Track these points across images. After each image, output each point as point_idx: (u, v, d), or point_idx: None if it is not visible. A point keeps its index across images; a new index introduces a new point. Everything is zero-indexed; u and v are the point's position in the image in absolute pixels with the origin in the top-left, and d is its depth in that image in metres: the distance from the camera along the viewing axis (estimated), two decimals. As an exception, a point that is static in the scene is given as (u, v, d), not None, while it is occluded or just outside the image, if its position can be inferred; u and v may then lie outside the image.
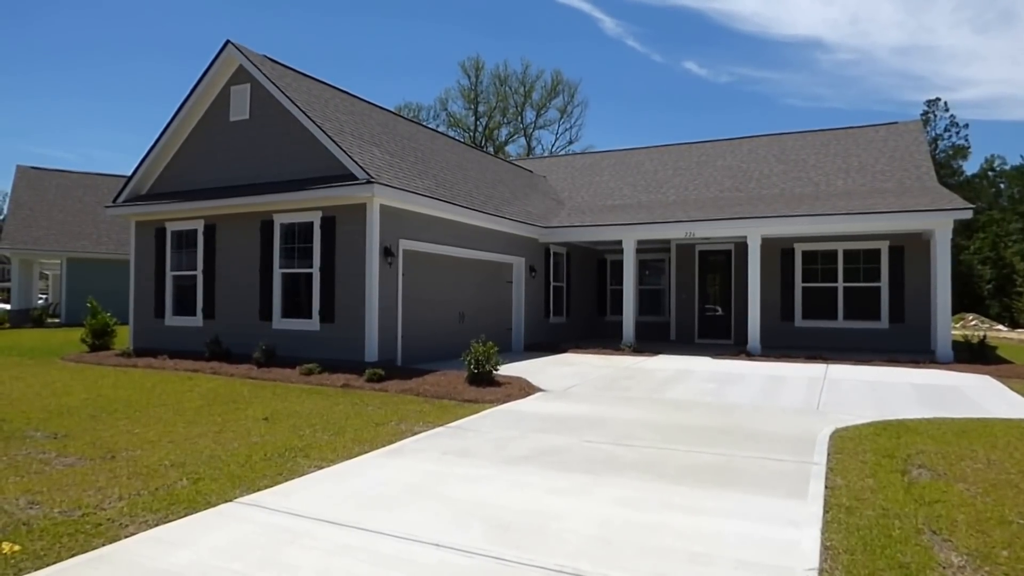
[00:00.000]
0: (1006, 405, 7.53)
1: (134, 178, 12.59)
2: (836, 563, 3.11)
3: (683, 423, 6.49)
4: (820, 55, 64.87)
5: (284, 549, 3.27)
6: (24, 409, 7.02)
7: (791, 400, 7.88)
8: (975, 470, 4.69)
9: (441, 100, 48.55)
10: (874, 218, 12.32)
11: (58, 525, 3.58)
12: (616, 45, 68.47)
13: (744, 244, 13.79)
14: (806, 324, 14.89)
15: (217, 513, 3.78)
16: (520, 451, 5.26)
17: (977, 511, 3.84)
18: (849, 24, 61.58)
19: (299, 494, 4.14)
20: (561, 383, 9.10)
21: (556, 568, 3.03)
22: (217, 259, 11.70)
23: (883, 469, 4.70)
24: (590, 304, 18.07)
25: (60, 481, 4.41)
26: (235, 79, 11.63)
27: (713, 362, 11.64)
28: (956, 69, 63.56)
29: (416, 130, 15.52)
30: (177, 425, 6.26)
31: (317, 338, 10.45)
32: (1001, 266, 40.12)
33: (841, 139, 17.29)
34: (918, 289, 13.87)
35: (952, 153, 46.03)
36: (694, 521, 3.68)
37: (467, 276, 12.88)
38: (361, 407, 7.25)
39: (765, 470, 4.73)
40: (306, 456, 5.10)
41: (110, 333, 13.37)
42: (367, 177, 9.73)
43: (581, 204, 17.66)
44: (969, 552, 3.26)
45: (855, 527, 3.56)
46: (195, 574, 2.99)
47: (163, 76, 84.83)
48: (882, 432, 5.91)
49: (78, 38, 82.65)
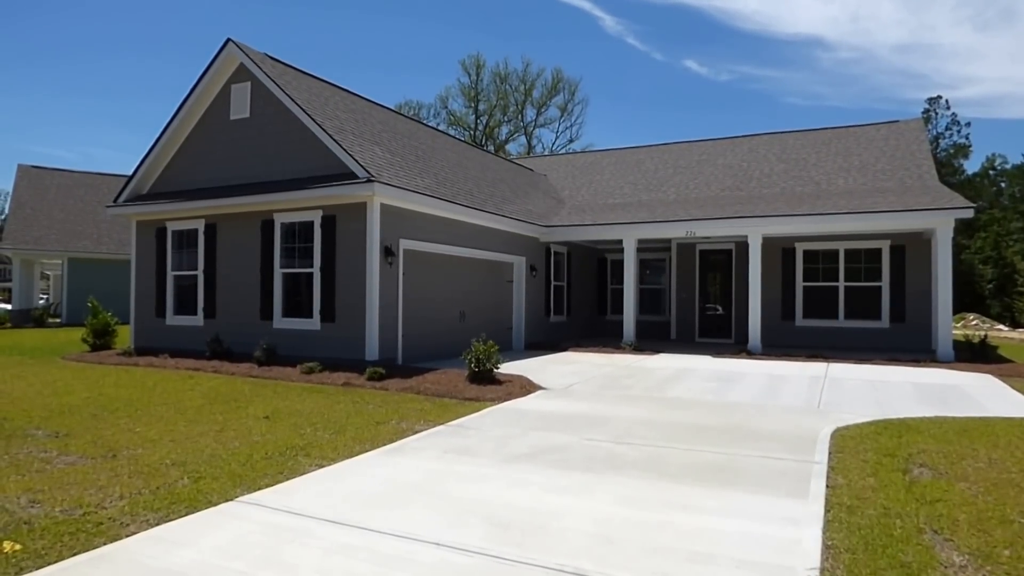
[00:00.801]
0: (1007, 404, 7.52)
1: (135, 178, 12.60)
2: (838, 562, 3.11)
3: (684, 422, 6.48)
4: (821, 53, 64.87)
5: (285, 548, 3.26)
6: (26, 408, 7.02)
7: (792, 399, 7.87)
8: (976, 469, 4.68)
9: (441, 98, 48.53)
10: (875, 217, 12.31)
11: (59, 524, 3.58)
12: (616, 43, 68.46)
13: (745, 243, 13.78)
14: (807, 323, 14.88)
15: (218, 512, 3.78)
16: (521, 449, 5.26)
17: (979, 510, 3.83)
18: (850, 22, 61.55)
19: (300, 493, 4.13)
20: (562, 381, 9.09)
21: (557, 567, 3.02)
22: (218, 258, 11.70)
23: (884, 468, 4.70)
24: (591, 303, 18.06)
25: (61, 480, 4.41)
26: (236, 77, 11.62)
27: (714, 361, 11.63)
28: (957, 67, 63.55)
29: (416, 128, 15.51)
30: (178, 424, 6.27)
31: (318, 337, 10.45)
32: (1002, 266, 40.06)
33: (842, 138, 17.26)
34: (919, 288, 13.85)
35: (953, 152, 45.98)
36: (695, 520, 3.67)
37: (468, 275, 12.87)
38: (362, 406, 7.25)
39: (766, 469, 4.72)
40: (307, 455, 5.10)
41: (111, 333, 13.38)
42: (368, 176, 9.72)
43: (581, 203, 17.65)
44: (971, 551, 3.25)
45: (856, 526, 3.56)
46: (197, 573, 2.99)
47: (163, 75, 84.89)
48: (883, 431, 5.90)
49: (78, 36, 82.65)
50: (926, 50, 62.89)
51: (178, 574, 2.98)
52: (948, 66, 63.69)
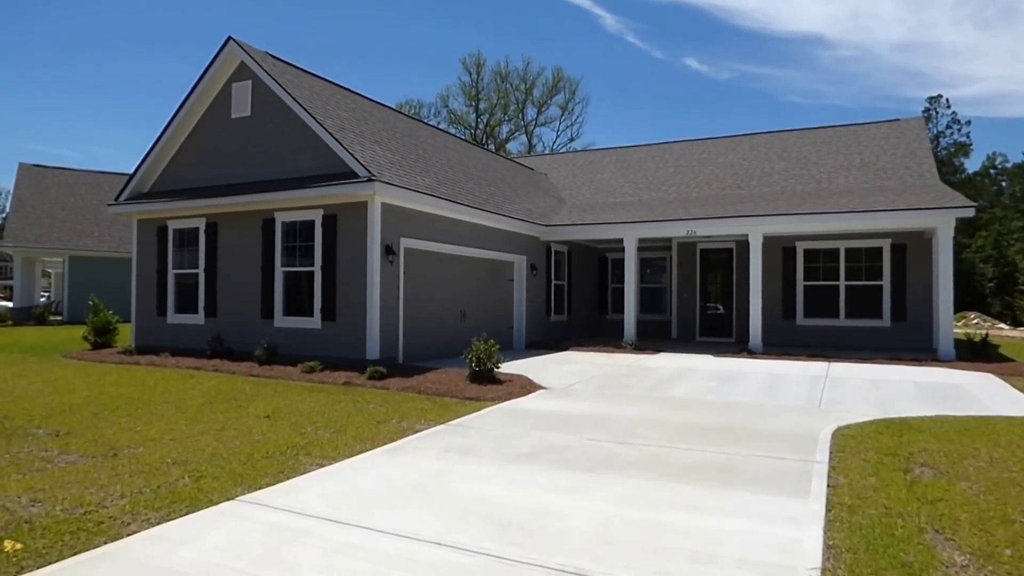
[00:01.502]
0: (1008, 403, 7.52)
1: (136, 176, 12.60)
2: (839, 562, 3.10)
3: (685, 421, 6.48)
4: (821, 52, 64.81)
5: (286, 548, 3.26)
6: (27, 406, 7.02)
7: (793, 398, 7.86)
8: (978, 468, 4.68)
9: (442, 97, 48.48)
10: (876, 216, 12.29)
11: (60, 523, 3.58)
12: (616, 42, 68.38)
13: (746, 242, 13.77)
14: (808, 322, 14.87)
15: (219, 511, 3.78)
16: (522, 449, 5.26)
17: (980, 510, 3.82)
18: (850, 20, 61.47)
19: (301, 492, 4.13)
20: (562, 381, 9.09)
21: (558, 567, 3.02)
22: (219, 257, 11.71)
23: (885, 467, 4.69)
24: (591, 302, 18.05)
25: (62, 479, 4.41)
26: (237, 76, 11.62)
27: (715, 360, 11.63)
28: (957, 66, 63.48)
29: (417, 127, 15.50)
30: (179, 423, 6.27)
31: (319, 336, 10.45)
32: (1003, 264, 40.02)
33: (843, 136, 17.24)
34: (920, 287, 13.83)
35: (954, 150, 45.93)
36: (696, 520, 3.67)
37: (468, 274, 12.87)
38: (362, 405, 7.25)
39: (767, 468, 4.72)
40: (308, 454, 5.10)
41: (112, 331, 13.38)
42: (369, 175, 9.72)
43: (582, 202, 17.64)
44: (972, 551, 3.25)
45: (858, 526, 3.55)
46: (198, 572, 2.99)
47: (164, 73, 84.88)
48: (884, 430, 5.90)
49: (78, 35, 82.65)
50: (926, 48, 62.87)
51: (180, 573, 2.98)
52: (948, 65, 63.68)
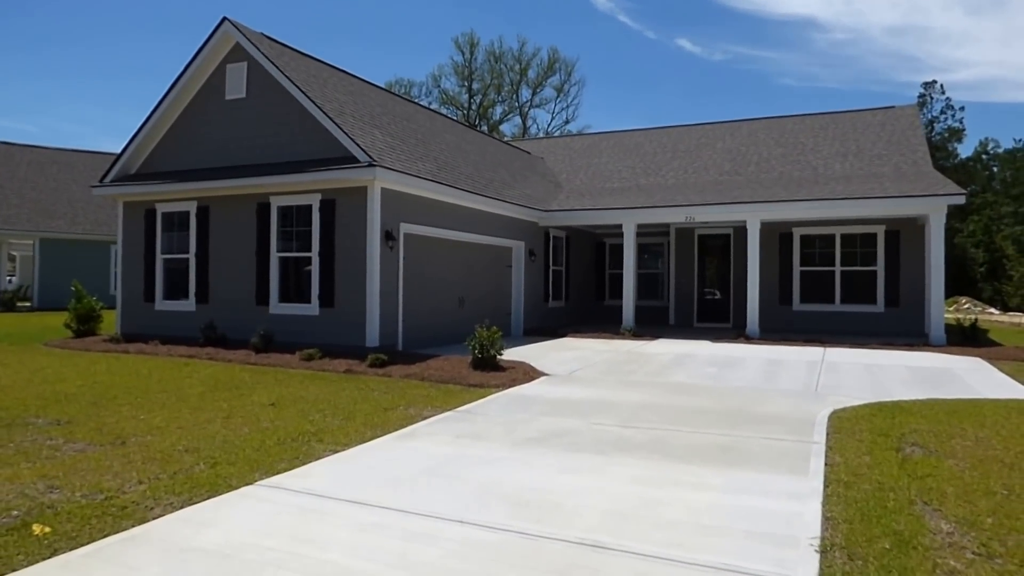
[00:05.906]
0: (995, 386, 7.76)
1: (123, 157, 12.21)
2: (836, 532, 3.32)
3: (687, 406, 6.64)
4: (815, 34, 64.47)
5: (314, 527, 3.38)
6: (18, 396, 6.88)
7: (790, 383, 8.05)
8: (964, 447, 4.91)
9: (434, 76, 47.88)
10: (870, 203, 12.45)
11: (83, 508, 3.64)
12: (608, 21, 67.47)
13: (743, 228, 13.90)
14: (804, 308, 15.07)
15: (240, 495, 3.88)
16: (530, 434, 5.39)
17: (965, 484, 4.06)
18: (843, 3, 61.08)
19: (319, 476, 4.25)
20: (564, 367, 9.22)
21: (577, 540, 3.18)
22: (211, 242, 11.46)
23: (879, 447, 4.90)
24: (589, 288, 18.15)
25: (74, 466, 4.43)
26: (231, 57, 11.41)
27: (713, 346, 11.80)
28: (949, 50, 63.39)
29: (414, 110, 15.41)
30: (182, 411, 6.26)
31: (316, 323, 10.41)
32: (993, 250, 40.46)
33: (839, 122, 17.34)
34: (913, 273, 14.05)
35: (947, 136, 46.16)
36: (704, 496, 3.83)
37: (467, 260, 12.89)
38: (367, 392, 7.33)
39: (768, 449, 4.90)
40: (320, 440, 5.18)
41: (96, 318, 12.72)
42: (370, 160, 9.69)
43: (580, 187, 17.66)
44: (957, 520, 3.49)
45: (853, 500, 3.77)
46: (231, 550, 3.10)
47: (148, 52, 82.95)
48: (878, 413, 6.12)
49: (53, 12, 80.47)
50: (919, 33, 62.71)
51: (213, 552, 3.09)
52: (940, 49, 63.60)
